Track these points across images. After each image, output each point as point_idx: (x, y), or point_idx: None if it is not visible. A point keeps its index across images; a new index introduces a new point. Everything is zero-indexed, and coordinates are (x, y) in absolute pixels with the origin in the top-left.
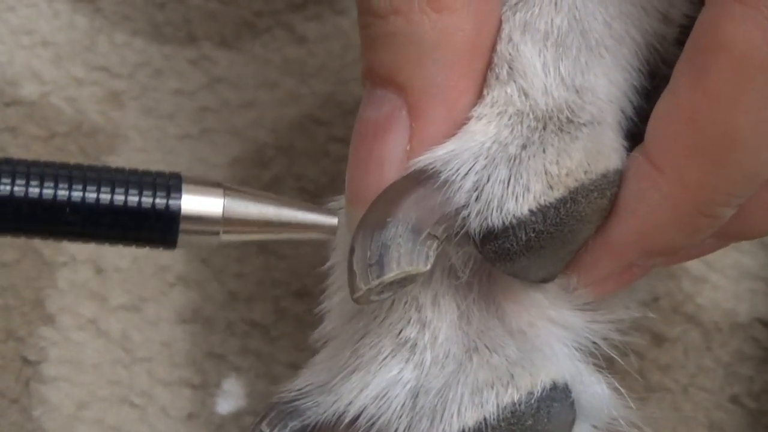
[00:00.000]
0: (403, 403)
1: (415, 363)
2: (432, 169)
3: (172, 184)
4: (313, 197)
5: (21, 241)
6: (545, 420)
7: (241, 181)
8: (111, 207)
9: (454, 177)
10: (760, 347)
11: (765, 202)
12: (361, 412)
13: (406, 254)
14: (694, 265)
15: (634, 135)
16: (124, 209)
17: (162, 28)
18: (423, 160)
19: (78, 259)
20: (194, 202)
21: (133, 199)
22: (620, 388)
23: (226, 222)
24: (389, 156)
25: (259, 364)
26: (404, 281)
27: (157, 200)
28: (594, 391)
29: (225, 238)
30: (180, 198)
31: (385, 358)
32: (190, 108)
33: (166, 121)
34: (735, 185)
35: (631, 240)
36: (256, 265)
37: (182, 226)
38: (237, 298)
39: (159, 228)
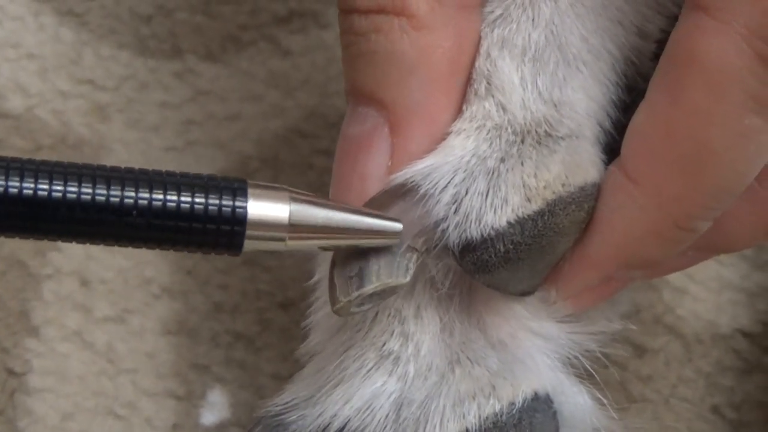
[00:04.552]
0: (387, 415)
1: (398, 375)
2: (412, 182)
3: (238, 188)
4: None
5: (6, 253)
6: (527, 431)
7: None
8: (177, 211)
9: (433, 190)
10: (741, 358)
11: (742, 215)
12: (346, 424)
13: (386, 266)
14: (675, 277)
15: (613, 149)
16: (191, 213)
17: (147, 42)
18: (403, 174)
19: (63, 271)
20: (260, 207)
21: (199, 203)
22: (602, 398)
23: (292, 228)
24: (371, 171)
25: (244, 375)
26: (384, 293)
27: (224, 203)
28: (576, 401)
29: (291, 243)
30: (246, 202)
31: (368, 370)
32: (176, 121)
33: (151, 133)
34: (711, 198)
35: (608, 253)
36: (241, 276)
37: (248, 231)
38: (221, 309)
39: (225, 233)
